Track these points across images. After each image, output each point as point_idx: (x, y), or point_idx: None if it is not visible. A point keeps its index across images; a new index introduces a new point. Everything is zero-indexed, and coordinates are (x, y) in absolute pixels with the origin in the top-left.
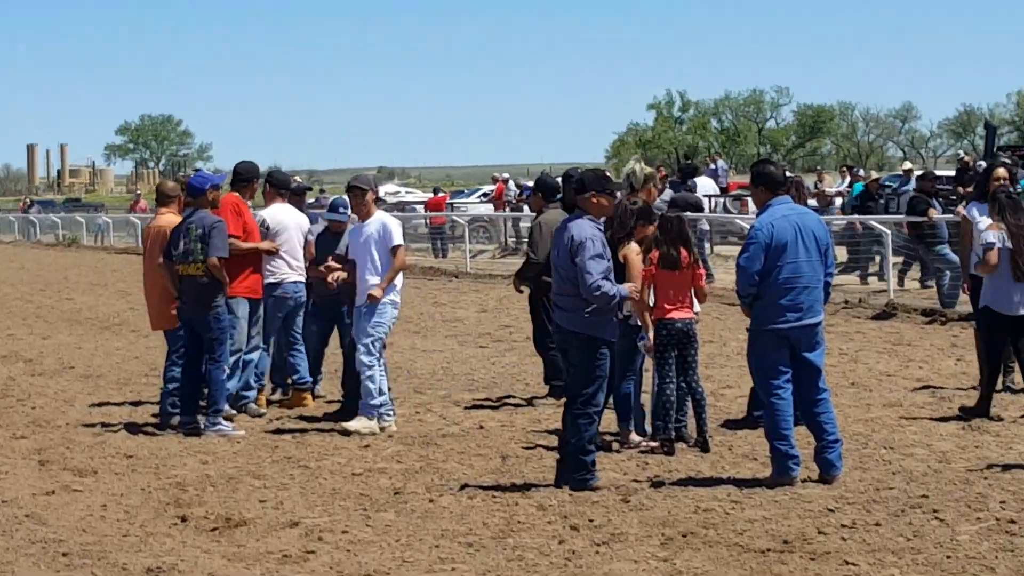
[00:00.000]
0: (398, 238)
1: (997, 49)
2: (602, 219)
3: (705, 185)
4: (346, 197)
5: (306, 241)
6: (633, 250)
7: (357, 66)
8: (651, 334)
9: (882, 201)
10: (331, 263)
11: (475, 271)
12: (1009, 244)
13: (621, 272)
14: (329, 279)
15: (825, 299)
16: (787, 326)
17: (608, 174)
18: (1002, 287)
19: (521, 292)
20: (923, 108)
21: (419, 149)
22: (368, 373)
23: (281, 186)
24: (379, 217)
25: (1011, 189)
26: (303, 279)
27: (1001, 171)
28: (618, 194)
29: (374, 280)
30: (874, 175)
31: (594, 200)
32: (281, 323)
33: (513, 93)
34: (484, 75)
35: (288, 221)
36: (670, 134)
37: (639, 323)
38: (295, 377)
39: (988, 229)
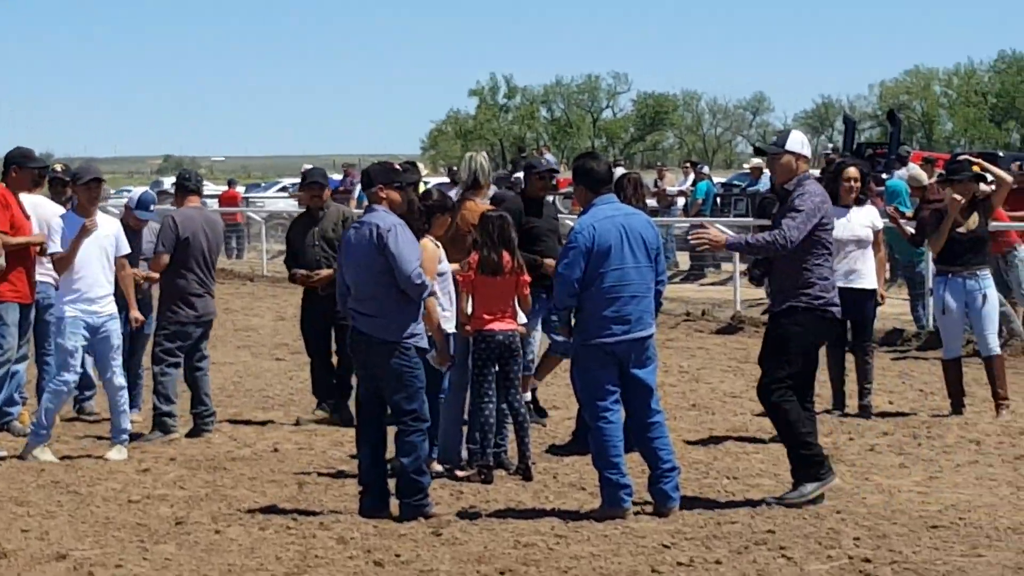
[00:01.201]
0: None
1: (858, 36)
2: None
3: None
4: (153, 192)
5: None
6: (429, 242)
7: (138, 44)
8: (446, 344)
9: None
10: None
11: (272, 274)
12: None
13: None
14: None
15: (656, 309)
16: (614, 340)
17: (399, 166)
18: None
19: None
20: (776, 99)
21: (211, 137)
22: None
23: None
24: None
25: (864, 194)
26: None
27: (852, 171)
28: (493, 188)
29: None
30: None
31: (382, 194)
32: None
33: (319, 76)
34: (287, 55)
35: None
36: (494, 123)
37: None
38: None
39: None
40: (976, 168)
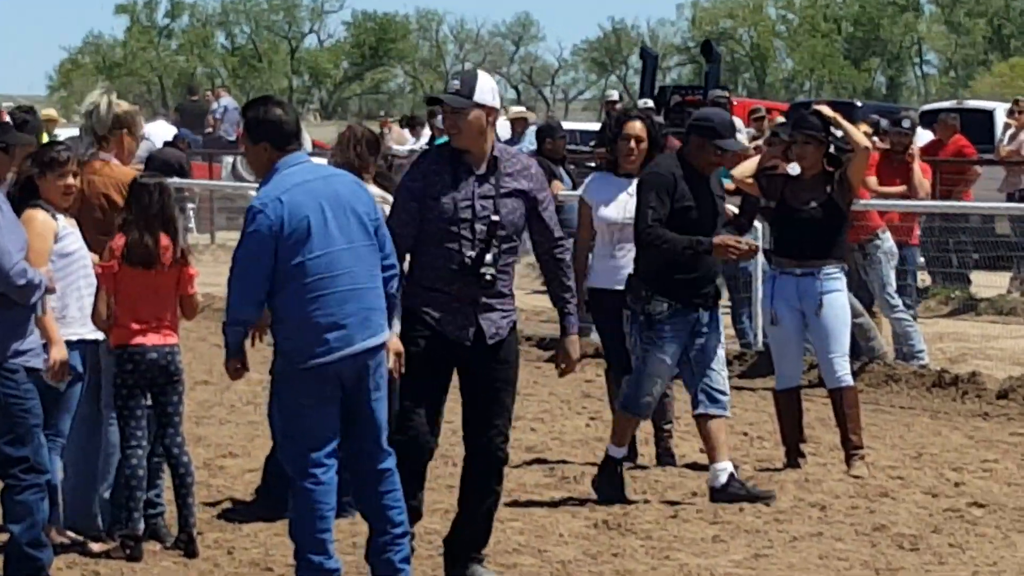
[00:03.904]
0: None
1: None
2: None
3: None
4: None
5: None
6: (39, 214)
7: None
8: (58, 354)
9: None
10: None
11: None
12: None
13: None
14: None
15: (391, 308)
16: (331, 358)
17: (9, 114)
18: None
19: None
20: (548, 24)
21: None
22: None
23: None
24: None
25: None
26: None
27: (635, 126)
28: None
29: None
30: None
31: None
32: None
33: None
34: None
35: None
36: (151, 53)
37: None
38: None
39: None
40: (832, 119)
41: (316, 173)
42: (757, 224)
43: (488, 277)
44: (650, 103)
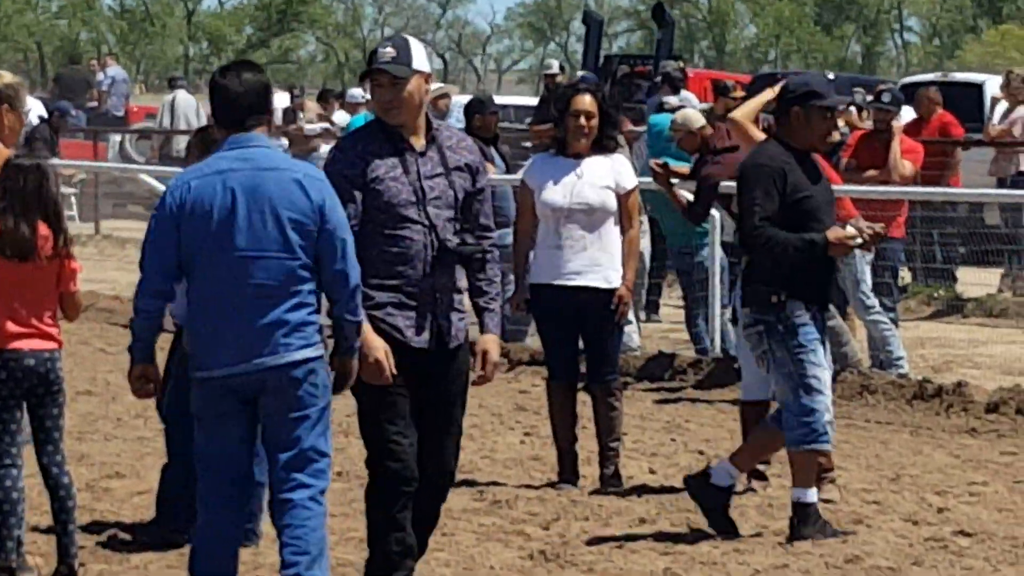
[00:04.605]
0: None
1: None
2: None
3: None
4: None
5: None
6: None
7: None
8: None
9: None
10: None
11: None
12: None
13: None
14: None
15: (344, 326)
16: (218, 373)
17: None
18: None
19: None
20: None
21: None
22: None
23: None
24: None
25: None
26: None
27: (584, 101)
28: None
29: None
30: None
31: None
32: None
33: None
34: None
35: None
36: (28, 16)
37: None
38: None
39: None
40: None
41: (251, 162)
42: (714, 212)
43: (479, 255)
44: (591, 76)
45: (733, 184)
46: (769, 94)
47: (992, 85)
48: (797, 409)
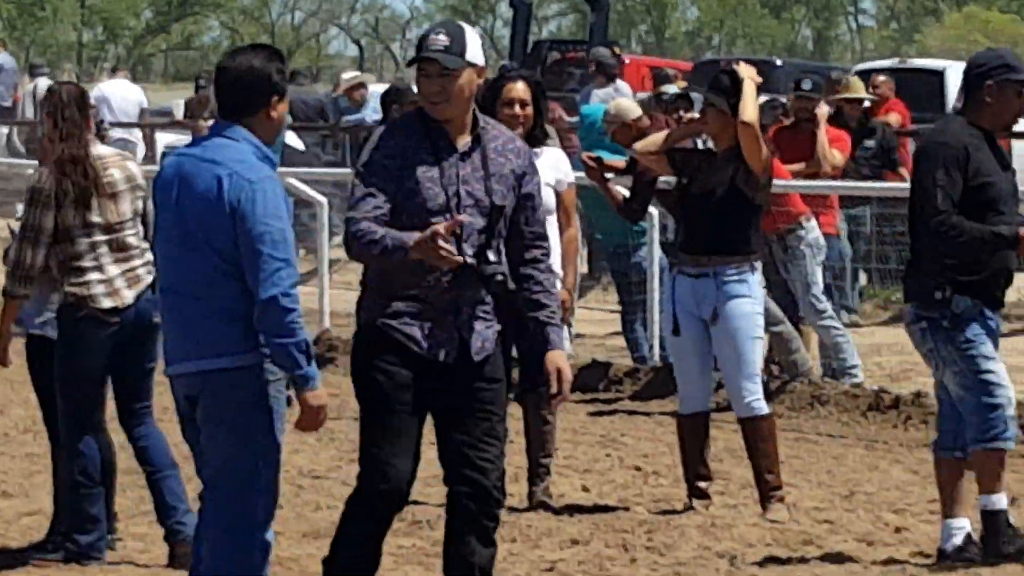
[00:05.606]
0: None
1: None
2: None
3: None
4: None
5: None
6: None
7: None
8: None
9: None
10: None
11: None
12: None
13: None
14: None
15: (270, 350)
16: (166, 371)
17: None
18: None
19: None
20: None
21: None
22: None
23: None
24: None
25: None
26: None
27: (517, 89)
28: None
29: None
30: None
31: None
32: None
33: None
34: None
35: None
36: None
37: None
38: None
39: None
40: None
41: (205, 151)
42: (652, 210)
43: (499, 278)
44: (515, 65)
45: (671, 180)
46: (661, 135)
47: (954, 72)
48: (985, 405)
